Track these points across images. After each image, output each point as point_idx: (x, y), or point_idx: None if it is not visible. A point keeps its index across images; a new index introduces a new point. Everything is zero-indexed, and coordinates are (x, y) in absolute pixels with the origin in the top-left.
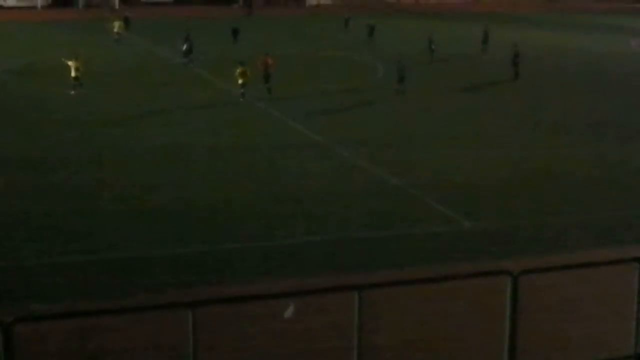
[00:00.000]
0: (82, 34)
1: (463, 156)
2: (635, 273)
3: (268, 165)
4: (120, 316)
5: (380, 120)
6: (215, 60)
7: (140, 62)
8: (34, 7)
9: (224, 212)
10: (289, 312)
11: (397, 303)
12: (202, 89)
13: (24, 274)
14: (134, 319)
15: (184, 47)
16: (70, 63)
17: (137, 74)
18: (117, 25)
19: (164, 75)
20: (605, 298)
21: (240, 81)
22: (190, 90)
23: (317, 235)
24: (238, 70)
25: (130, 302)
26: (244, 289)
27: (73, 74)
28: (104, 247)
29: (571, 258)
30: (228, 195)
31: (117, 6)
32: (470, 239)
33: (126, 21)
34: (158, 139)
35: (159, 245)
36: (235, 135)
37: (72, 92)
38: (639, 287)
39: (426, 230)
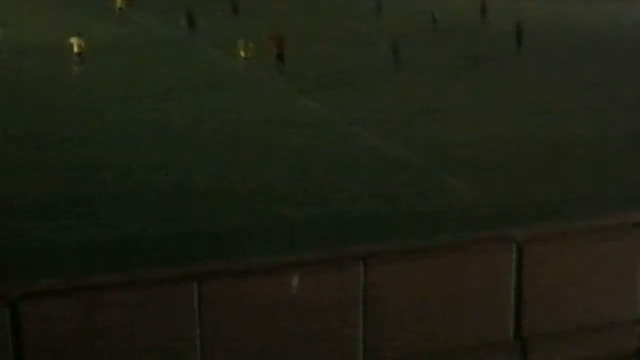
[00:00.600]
0: (83, 8)
1: (468, 128)
2: None
3: (274, 140)
4: (127, 290)
5: (385, 94)
6: (217, 34)
7: (143, 38)
8: None
9: (229, 187)
10: (294, 282)
11: (402, 272)
12: (204, 64)
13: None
14: (141, 293)
15: (186, 21)
16: (72, 40)
17: (140, 50)
18: (119, 1)
19: (167, 51)
20: (611, 264)
21: (243, 54)
22: (192, 65)
23: (324, 208)
24: (241, 44)
25: (137, 275)
26: (248, 262)
27: (75, 49)
28: (104, 224)
29: (576, 225)
30: (233, 170)
31: None
32: (477, 210)
33: None
34: (160, 116)
35: (163, 221)
36: (238, 111)
37: (75, 68)
38: None
39: (433, 201)
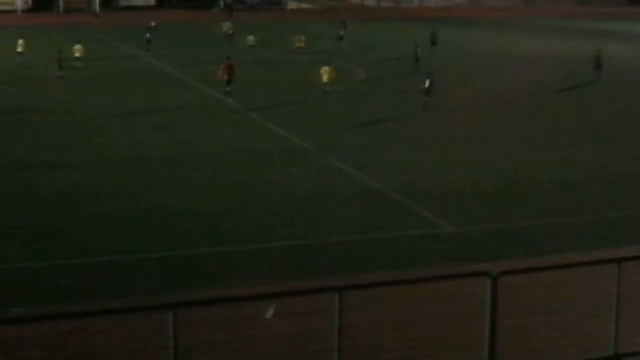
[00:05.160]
0: (63, 37)
1: (442, 162)
2: (614, 274)
3: (251, 170)
4: (101, 318)
5: (364, 126)
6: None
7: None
8: (14, 11)
9: (198, 216)
10: (269, 313)
11: (377, 305)
12: (186, 93)
13: (4, 278)
14: (115, 321)
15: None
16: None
17: (126, 78)
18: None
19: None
20: (585, 299)
21: (325, 79)
22: (169, 93)
23: (299, 239)
24: (323, 69)
25: (111, 304)
26: (224, 291)
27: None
28: (82, 250)
29: (551, 260)
30: (207, 199)
31: (97, 10)
32: (453, 243)
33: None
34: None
35: (142, 248)
36: (214, 139)
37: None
38: (617, 288)
39: (409, 233)
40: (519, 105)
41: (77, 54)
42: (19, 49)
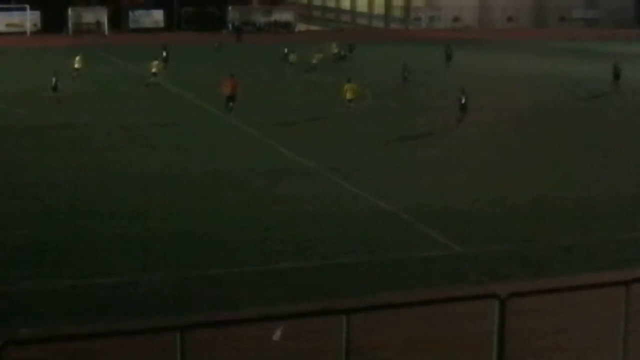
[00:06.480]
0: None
1: (453, 182)
2: (622, 296)
3: (258, 190)
4: (110, 340)
5: (370, 147)
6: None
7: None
8: (23, 33)
9: (207, 237)
10: (277, 335)
11: (385, 326)
12: (196, 113)
13: (13, 298)
14: (123, 342)
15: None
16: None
17: (128, 97)
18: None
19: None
20: (593, 321)
21: (348, 96)
22: (180, 113)
23: (306, 261)
24: (347, 86)
25: (119, 325)
26: (232, 313)
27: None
28: (92, 271)
29: (559, 281)
30: (214, 221)
31: (106, 32)
32: (461, 264)
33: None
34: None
35: (147, 269)
36: (224, 160)
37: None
38: (625, 310)
39: (417, 255)
40: (533, 124)
41: (153, 70)
42: (76, 65)
